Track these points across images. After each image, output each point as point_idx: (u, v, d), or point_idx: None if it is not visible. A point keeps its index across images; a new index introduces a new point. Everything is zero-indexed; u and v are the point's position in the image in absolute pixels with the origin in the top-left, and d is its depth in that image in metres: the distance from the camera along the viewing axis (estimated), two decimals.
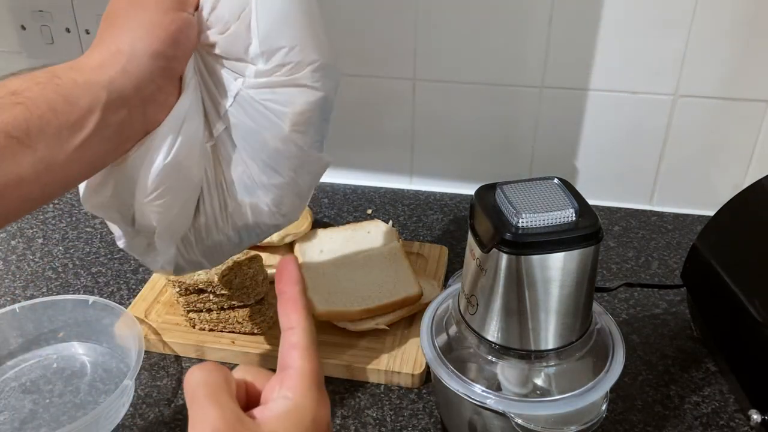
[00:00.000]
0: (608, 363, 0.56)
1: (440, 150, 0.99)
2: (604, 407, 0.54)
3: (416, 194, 1.01)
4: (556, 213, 0.51)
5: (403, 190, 1.02)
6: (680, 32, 0.85)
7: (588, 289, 0.54)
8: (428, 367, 0.61)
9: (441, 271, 0.82)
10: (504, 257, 0.51)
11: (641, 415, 0.66)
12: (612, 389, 0.55)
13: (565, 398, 0.53)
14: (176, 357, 0.73)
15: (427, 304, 0.64)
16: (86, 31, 0.98)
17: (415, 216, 0.96)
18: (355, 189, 1.02)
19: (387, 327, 0.72)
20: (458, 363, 0.57)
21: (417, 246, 0.87)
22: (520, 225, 0.51)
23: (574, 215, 0.51)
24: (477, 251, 0.54)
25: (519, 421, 0.52)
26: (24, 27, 1.00)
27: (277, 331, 0.74)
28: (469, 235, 0.55)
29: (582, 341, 0.56)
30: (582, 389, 0.54)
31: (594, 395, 0.54)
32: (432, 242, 0.88)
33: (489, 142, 0.97)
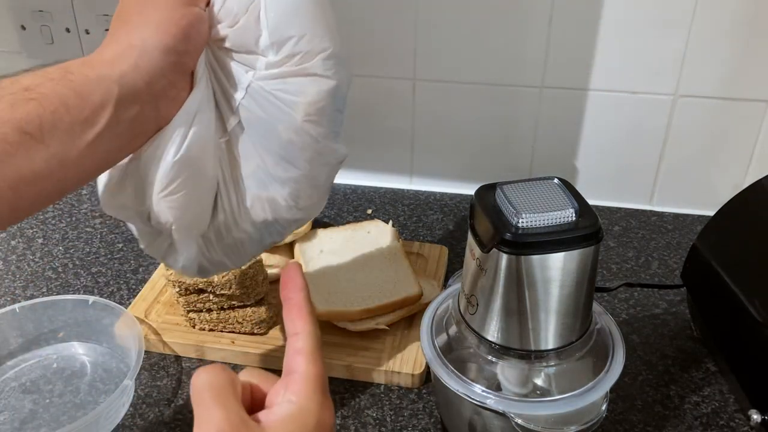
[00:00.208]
0: (608, 363, 0.56)
1: (440, 150, 0.99)
2: (604, 407, 0.54)
3: (416, 194, 1.01)
4: (556, 213, 0.51)
5: (403, 190, 1.02)
6: (680, 32, 0.85)
7: (588, 289, 0.54)
8: (428, 367, 0.61)
9: (441, 271, 0.82)
10: (504, 257, 0.51)
11: (641, 415, 0.66)
12: (612, 389, 0.55)
13: (565, 398, 0.53)
14: (176, 357, 0.73)
15: (427, 304, 0.64)
16: (86, 31, 0.98)
17: (415, 216, 0.96)
18: (355, 189, 1.02)
19: (387, 327, 0.72)
20: (458, 363, 0.57)
21: (417, 246, 0.87)
22: (520, 225, 0.51)
23: (574, 215, 0.51)
24: (477, 251, 0.54)
25: (519, 421, 0.52)
26: (24, 27, 1.00)
27: (277, 331, 0.74)
28: (469, 235, 0.55)
29: (582, 341, 0.56)
30: (582, 389, 0.54)
31: (594, 395, 0.54)
32: (432, 242, 0.88)
33: (489, 142, 0.97)
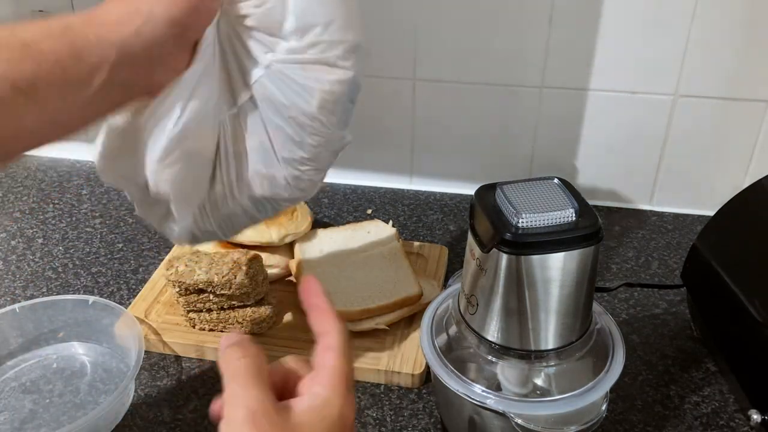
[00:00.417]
0: (608, 363, 0.56)
1: (440, 150, 0.99)
2: (604, 407, 0.54)
3: (416, 194, 1.01)
4: (556, 213, 0.51)
5: (403, 190, 1.02)
6: (680, 32, 0.85)
7: (588, 289, 0.54)
8: (428, 367, 0.61)
9: (441, 271, 0.82)
10: (504, 257, 0.51)
11: (641, 415, 0.66)
12: (612, 389, 0.55)
13: (565, 398, 0.53)
14: (176, 357, 0.73)
15: (427, 304, 0.64)
16: None
17: (415, 216, 0.96)
18: (355, 189, 1.02)
19: (387, 327, 0.72)
20: (458, 363, 0.57)
21: (417, 246, 0.87)
22: (520, 225, 0.51)
23: (574, 215, 0.51)
24: (477, 251, 0.54)
25: (519, 421, 0.52)
26: None
27: (277, 331, 0.74)
28: (469, 235, 0.55)
29: (582, 341, 0.56)
30: (582, 389, 0.54)
31: (594, 395, 0.54)
32: (432, 242, 0.88)
33: (489, 142, 0.97)
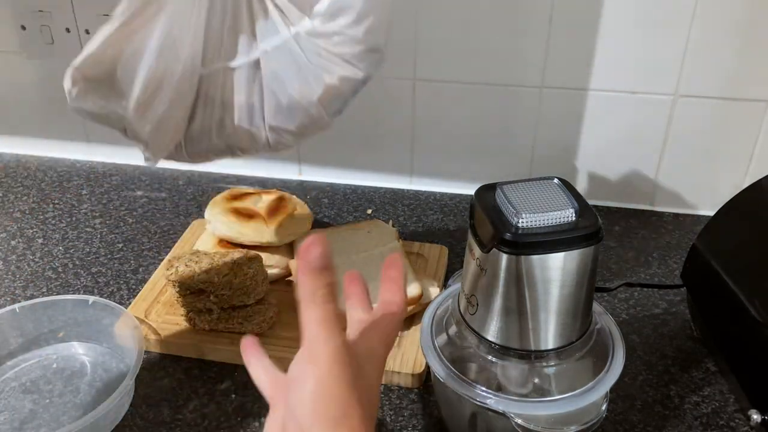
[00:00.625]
0: (608, 363, 0.56)
1: (440, 150, 0.99)
2: (604, 407, 0.54)
3: (416, 194, 1.01)
4: (556, 213, 0.51)
5: (403, 190, 1.02)
6: (680, 32, 0.85)
7: (588, 289, 0.54)
8: (428, 367, 0.61)
9: (441, 271, 0.82)
10: (504, 257, 0.51)
11: (641, 415, 0.66)
12: (612, 389, 0.55)
13: (565, 398, 0.53)
14: (176, 357, 0.73)
15: (427, 304, 0.64)
16: (86, 31, 0.98)
17: (415, 216, 0.96)
18: (355, 189, 1.02)
19: None
20: (458, 363, 0.57)
21: (417, 246, 0.86)
22: (520, 225, 0.51)
23: (574, 215, 0.51)
24: (477, 251, 0.54)
25: (519, 421, 0.52)
26: (24, 27, 1.00)
27: (277, 331, 0.74)
28: (469, 235, 0.55)
29: (582, 341, 0.56)
30: (582, 389, 0.54)
31: (594, 395, 0.54)
32: (432, 242, 0.88)
33: (489, 142, 0.97)
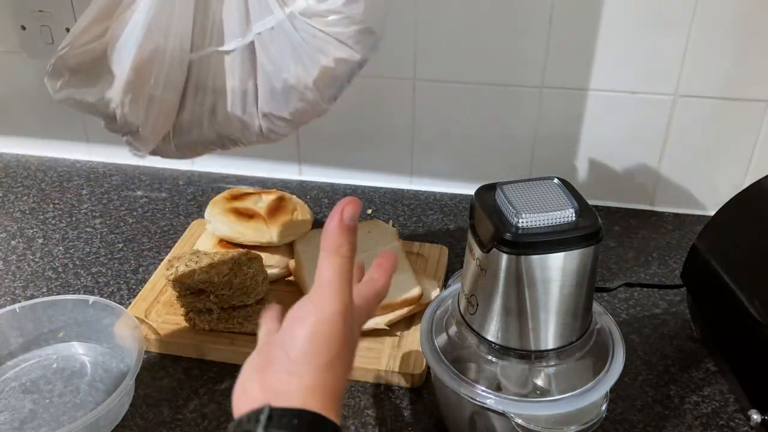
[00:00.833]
0: (608, 363, 0.56)
1: (440, 150, 0.99)
2: (604, 407, 0.54)
3: (416, 194, 1.01)
4: (556, 213, 0.51)
5: (403, 190, 1.02)
6: (680, 32, 0.85)
7: (588, 289, 0.54)
8: (428, 367, 0.61)
9: (441, 271, 0.82)
10: (504, 257, 0.51)
11: (641, 415, 0.66)
12: (612, 389, 0.55)
13: (565, 398, 0.53)
14: (176, 357, 0.73)
15: (427, 304, 0.64)
16: None
17: (415, 216, 0.96)
18: (355, 189, 1.02)
19: (387, 327, 0.72)
20: (458, 363, 0.57)
21: (417, 246, 0.86)
22: (520, 225, 0.51)
23: (574, 215, 0.51)
24: (477, 251, 0.54)
25: (519, 421, 0.52)
26: (24, 27, 1.00)
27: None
28: (469, 235, 0.55)
29: (582, 341, 0.56)
30: (582, 389, 0.54)
31: (594, 395, 0.54)
32: (432, 242, 0.88)
33: (489, 142, 0.97)
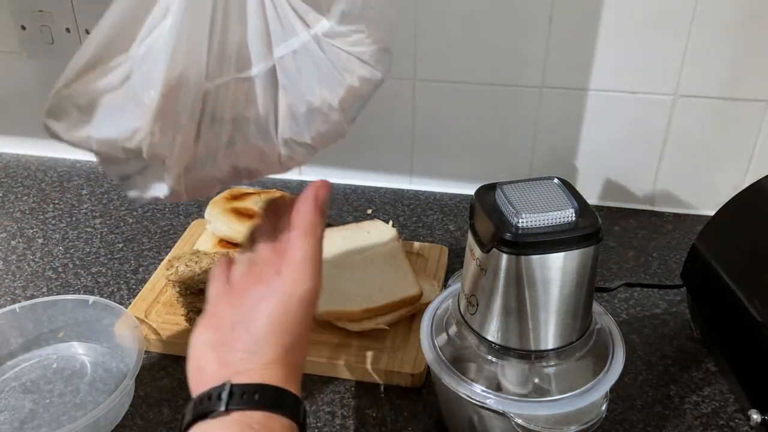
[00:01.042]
0: (608, 363, 0.56)
1: (440, 150, 0.99)
2: (604, 407, 0.54)
3: (416, 194, 1.01)
4: (556, 213, 0.51)
5: (403, 190, 1.02)
6: (680, 32, 0.85)
7: (588, 289, 0.54)
8: (428, 367, 0.61)
9: (441, 271, 0.82)
10: (504, 257, 0.51)
11: (641, 415, 0.66)
12: (612, 389, 0.55)
13: (565, 398, 0.53)
14: (176, 357, 0.73)
15: (427, 304, 0.64)
16: (86, 31, 0.98)
17: (415, 216, 0.96)
18: (355, 189, 1.02)
19: (387, 327, 0.72)
20: (458, 363, 0.57)
21: (417, 246, 0.86)
22: (520, 225, 0.51)
23: (574, 215, 0.51)
24: (477, 251, 0.54)
25: (519, 421, 0.52)
26: (24, 27, 1.00)
27: None
28: (469, 235, 0.55)
29: (582, 341, 0.56)
30: (582, 389, 0.54)
31: (594, 395, 0.54)
32: (432, 242, 0.88)
33: (489, 142, 0.97)
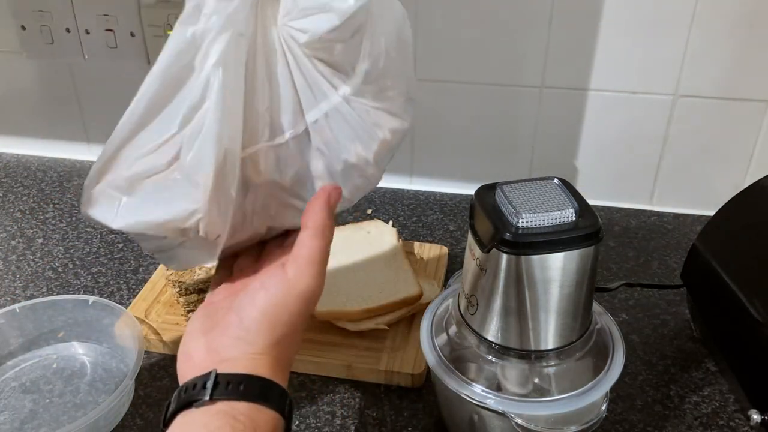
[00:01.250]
0: (608, 363, 0.56)
1: (440, 150, 0.99)
2: (604, 407, 0.54)
3: (416, 194, 1.01)
4: (556, 213, 0.51)
5: (403, 190, 1.02)
6: (680, 32, 0.85)
7: (588, 289, 0.54)
8: (428, 367, 0.61)
9: (441, 271, 0.82)
10: (504, 257, 0.51)
11: (641, 415, 0.66)
12: (612, 389, 0.55)
13: (565, 398, 0.53)
14: (176, 357, 0.73)
15: (427, 304, 0.64)
16: (86, 31, 0.98)
17: (415, 216, 0.96)
18: None
19: (387, 327, 0.72)
20: (458, 363, 0.57)
21: (417, 246, 0.86)
22: (520, 225, 0.51)
23: (574, 215, 0.51)
24: (477, 251, 0.54)
25: (519, 421, 0.52)
26: (24, 27, 1.00)
27: None
28: (469, 235, 0.55)
29: (582, 341, 0.56)
30: (582, 389, 0.54)
31: (594, 395, 0.54)
32: (432, 242, 0.88)
33: (489, 142, 0.97)
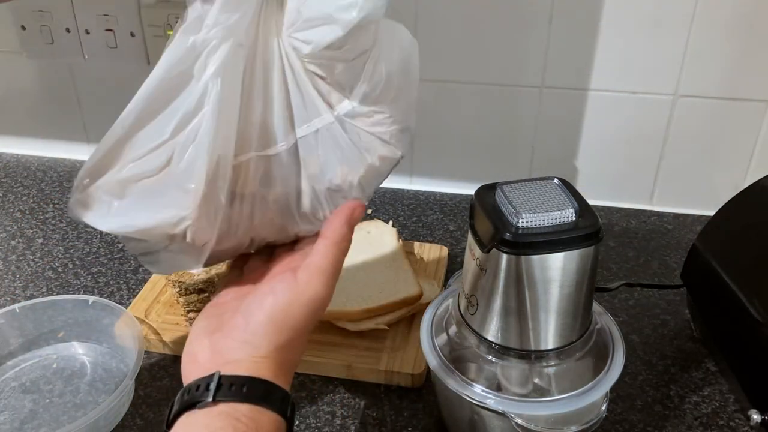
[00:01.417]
0: (608, 363, 0.56)
1: (440, 150, 0.99)
2: (604, 407, 0.54)
3: (416, 194, 1.01)
4: (556, 213, 0.51)
5: (403, 190, 1.02)
6: (680, 32, 0.85)
7: (588, 289, 0.54)
8: (428, 367, 0.61)
9: (441, 271, 0.82)
10: (504, 257, 0.51)
11: (641, 415, 0.66)
12: (612, 389, 0.55)
13: (565, 398, 0.53)
14: (176, 357, 0.73)
15: (427, 304, 0.64)
16: (86, 31, 0.98)
17: (415, 216, 0.96)
18: None
19: (387, 327, 0.72)
20: (458, 363, 0.57)
21: (417, 246, 0.86)
22: (520, 225, 0.51)
23: (574, 215, 0.51)
24: (477, 251, 0.54)
25: (519, 421, 0.53)
26: (24, 27, 1.00)
27: None
28: (469, 235, 0.55)
29: (582, 341, 0.56)
30: (582, 389, 0.54)
31: (594, 395, 0.54)
32: (432, 242, 0.88)
33: (489, 142, 0.97)
